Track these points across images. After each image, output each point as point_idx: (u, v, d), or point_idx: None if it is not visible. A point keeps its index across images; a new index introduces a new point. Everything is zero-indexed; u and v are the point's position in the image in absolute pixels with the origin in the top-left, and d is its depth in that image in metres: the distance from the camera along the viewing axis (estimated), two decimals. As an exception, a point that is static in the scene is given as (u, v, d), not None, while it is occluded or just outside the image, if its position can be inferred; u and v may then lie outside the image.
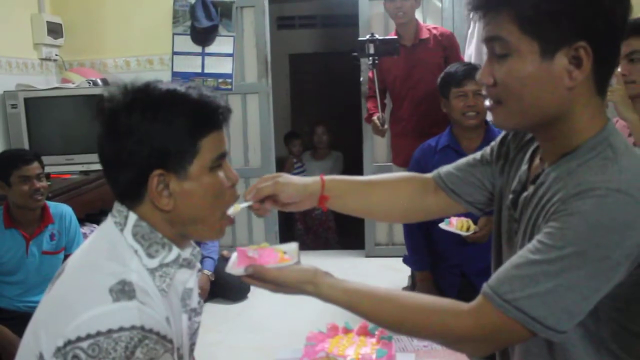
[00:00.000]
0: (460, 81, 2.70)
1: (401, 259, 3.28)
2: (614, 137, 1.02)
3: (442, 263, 2.84)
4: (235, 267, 1.12)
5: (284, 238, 4.80)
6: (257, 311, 3.39)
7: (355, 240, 4.71)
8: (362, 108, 4.01)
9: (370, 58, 3.13)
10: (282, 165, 5.28)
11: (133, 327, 0.92)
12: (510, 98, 1.03)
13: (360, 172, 4.36)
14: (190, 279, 1.15)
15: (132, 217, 1.06)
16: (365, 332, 1.76)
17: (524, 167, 1.17)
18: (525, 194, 1.12)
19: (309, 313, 3.24)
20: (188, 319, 1.19)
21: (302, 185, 1.32)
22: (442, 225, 2.61)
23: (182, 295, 1.14)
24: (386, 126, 3.23)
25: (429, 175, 1.41)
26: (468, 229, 2.58)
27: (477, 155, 1.35)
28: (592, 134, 1.02)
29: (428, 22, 4.19)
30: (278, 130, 4.80)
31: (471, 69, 2.71)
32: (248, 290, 3.61)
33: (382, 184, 1.41)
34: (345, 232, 5.32)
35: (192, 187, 1.06)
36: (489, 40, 1.03)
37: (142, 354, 0.91)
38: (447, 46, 3.30)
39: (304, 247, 4.91)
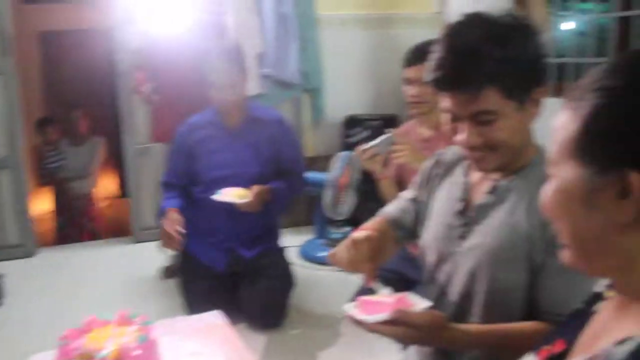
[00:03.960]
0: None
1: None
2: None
3: (210, 238, 2.83)
4: (370, 314, 1.12)
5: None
6: (13, 319, 3.05)
7: (122, 226, 4.48)
8: (120, 88, 3.79)
9: None
10: (36, 154, 4.82)
11: None
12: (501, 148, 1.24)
13: (122, 155, 4.14)
14: None
15: None
16: (125, 322, 1.65)
17: (463, 180, 1.39)
18: (481, 202, 1.32)
19: (68, 313, 3.02)
20: None
21: None
22: (215, 197, 2.60)
23: None
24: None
25: None
26: (244, 197, 2.59)
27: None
28: (535, 154, 1.31)
29: None
30: (29, 116, 4.35)
31: (226, 60, 2.71)
32: (2, 295, 3.23)
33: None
34: (111, 220, 5.07)
35: None
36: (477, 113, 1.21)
37: None
38: None
39: (67, 240, 4.52)
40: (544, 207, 0.79)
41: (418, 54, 2.22)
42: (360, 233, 1.34)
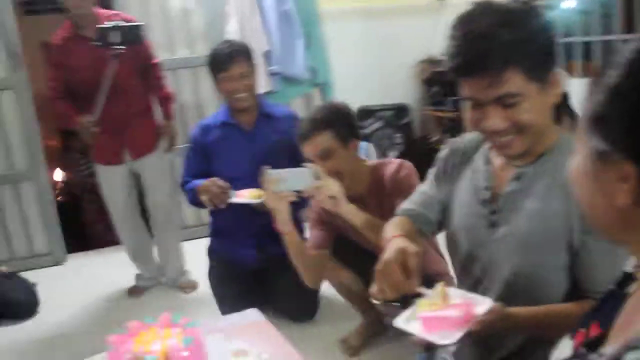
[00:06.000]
0: (225, 65, 2.72)
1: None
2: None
3: (237, 236, 2.88)
4: (444, 337, 1.08)
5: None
6: (50, 326, 3.13)
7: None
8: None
9: (115, 47, 2.85)
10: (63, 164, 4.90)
11: None
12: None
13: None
14: None
15: None
16: (168, 324, 1.72)
17: (486, 168, 1.41)
18: (508, 189, 1.35)
19: (100, 319, 3.09)
20: None
21: None
22: (233, 200, 2.63)
23: None
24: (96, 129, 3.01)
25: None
26: (259, 197, 2.62)
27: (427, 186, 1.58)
28: (556, 138, 1.33)
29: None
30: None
31: (233, 52, 2.72)
32: (37, 304, 3.31)
33: None
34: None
35: None
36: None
37: None
38: None
39: (95, 245, 4.38)
40: (569, 182, 0.82)
41: (308, 128, 2.17)
42: (381, 261, 1.29)
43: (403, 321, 1.15)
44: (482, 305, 1.15)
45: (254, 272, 2.87)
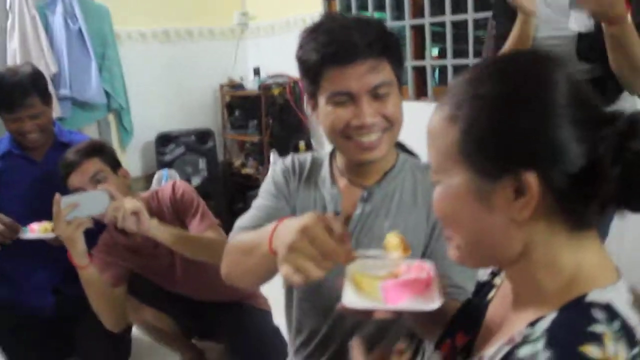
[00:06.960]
0: (10, 106, 2.34)
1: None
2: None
3: (31, 281, 2.54)
4: (425, 303, 0.88)
5: None
6: None
7: None
8: None
9: None
10: None
11: None
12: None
13: None
14: None
15: None
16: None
17: (333, 191, 1.35)
18: (358, 211, 1.32)
19: None
20: None
21: None
22: (22, 235, 2.31)
23: None
24: None
25: None
26: (53, 231, 2.35)
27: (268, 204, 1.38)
28: (396, 156, 1.38)
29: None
30: None
31: (21, 89, 2.34)
32: None
33: None
34: None
35: None
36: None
37: None
38: None
39: None
40: (437, 214, 0.79)
41: (75, 157, 2.10)
42: (295, 231, 0.92)
43: (354, 300, 0.91)
44: (429, 264, 1.00)
45: (53, 320, 2.55)
